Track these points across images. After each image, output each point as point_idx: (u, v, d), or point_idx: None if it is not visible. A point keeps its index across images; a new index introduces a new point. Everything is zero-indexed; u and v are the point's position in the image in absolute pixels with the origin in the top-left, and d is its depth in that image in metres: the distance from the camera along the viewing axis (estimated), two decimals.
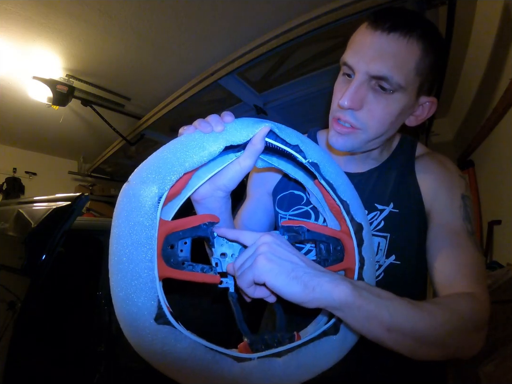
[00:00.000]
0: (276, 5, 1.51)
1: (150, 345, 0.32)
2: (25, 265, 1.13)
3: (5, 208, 1.63)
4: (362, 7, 1.23)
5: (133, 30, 1.73)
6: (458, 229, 0.50)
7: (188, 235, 0.38)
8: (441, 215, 0.52)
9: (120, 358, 1.36)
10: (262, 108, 2.17)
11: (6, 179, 3.72)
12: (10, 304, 1.09)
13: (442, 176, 0.55)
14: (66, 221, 1.14)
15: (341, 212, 0.47)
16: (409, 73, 0.46)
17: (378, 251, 0.55)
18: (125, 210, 0.35)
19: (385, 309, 0.35)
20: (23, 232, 1.28)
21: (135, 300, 0.32)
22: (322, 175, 0.46)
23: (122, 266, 0.32)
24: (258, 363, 0.35)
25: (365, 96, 0.47)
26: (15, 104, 2.61)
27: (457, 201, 0.53)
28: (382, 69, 0.44)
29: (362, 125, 0.49)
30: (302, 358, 0.37)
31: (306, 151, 0.45)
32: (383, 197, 0.57)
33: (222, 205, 0.46)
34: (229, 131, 0.41)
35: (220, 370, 0.33)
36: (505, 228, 1.71)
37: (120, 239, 0.33)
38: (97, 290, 1.42)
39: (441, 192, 0.54)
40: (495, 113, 1.60)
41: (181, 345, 0.33)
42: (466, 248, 0.48)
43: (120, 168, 3.90)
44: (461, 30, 1.64)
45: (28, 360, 1.15)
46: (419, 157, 0.60)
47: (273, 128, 0.42)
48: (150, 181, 0.36)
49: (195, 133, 0.40)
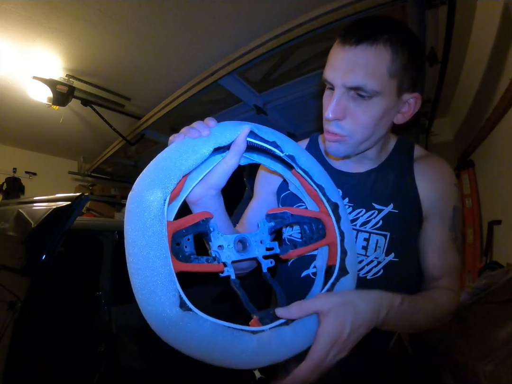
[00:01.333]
0: (276, 5, 1.51)
1: (179, 331, 0.36)
2: (25, 265, 1.13)
3: (5, 208, 1.64)
4: (362, 7, 1.23)
5: (133, 30, 1.73)
6: (446, 237, 0.60)
7: (190, 231, 0.43)
8: (433, 222, 0.60)
9: (120, 358, 1.36)
10: (262, 108, 2.17)
11: (6, 179, 3.72)
12: (10, 304, 1.09)
13: (440, 186, 0.61)
14: (66, 221, 1.15)
15: (318, 195, 0.54)
16: (382, 78, 0.49)
17: (376, 248, 0.59)
18: (135, 215, 0.38)
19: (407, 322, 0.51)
20: (23, 232, 1.28)
21: (159, 294, 0.36)
22: (298, 165, 0.52)
23: (141, 266, 0.36)
24: (271, 333, 0.41)
25: (346, 106, 0.52)
26: (15, 104, 2.61)
27: (450, 213, 0.60)
28: (355, 80, 0.49)
29: (348, 132, 0.53)
30: (306, 324, 0.43)
31: (282, 146, 0.51)
32: (382, 197, 0.61)
33: (216, 202, 0.52)
34: (215, 134, 0.45)
35: (240, 344, 0.38)
36: (505, 228, 1.71)
37: (135, 243, 0.37)
38: (97, 290, 1.42)
39: (437, 202, 0.60)
40: (495, 113, 1.60)
41: (204, 327, 0.37)
42: (450, 253, 0.60)
43: (120, 168, 3.90)
44: (461, 30, 1.64)
45: (28, 360, 1.15)
46: (417, 159, 0.64)
47: (252, 128, 0.48)
48: (154, 186, 0.40)
49: (185, 139, 0.44)
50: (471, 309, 1.23)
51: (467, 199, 2.27)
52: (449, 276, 0.59)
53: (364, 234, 0.60)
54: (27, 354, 1.13)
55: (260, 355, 0.39)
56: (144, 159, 3.55)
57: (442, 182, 0.61)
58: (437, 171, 0.61)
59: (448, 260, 0.59)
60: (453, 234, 0.60)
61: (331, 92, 0.53)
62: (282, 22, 1.45)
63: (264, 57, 1.63)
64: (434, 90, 1.91)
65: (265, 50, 1.55)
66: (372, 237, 0.59)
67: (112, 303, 1.41)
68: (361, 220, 0.61)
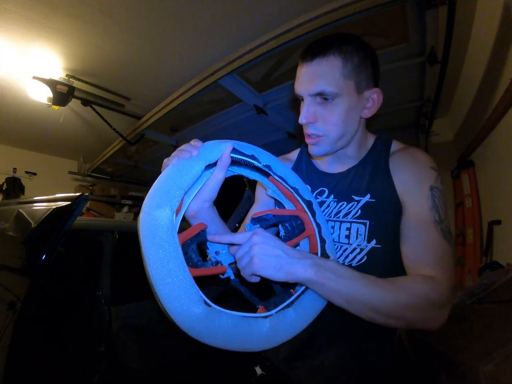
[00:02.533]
0: (276, 5, 1.51)
1: (207, 326, 0.42)
2: (25, 265, 1.13)
3: (5, 208, 1.64)
4: (362, 7, 1.23)
5: (133, 30, 1.73)
6: (426, 218, 0.57)
7: (194, 241, 0.50)
8: (411, 206, 0.60)
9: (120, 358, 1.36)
10: (262, 108, 2.17)
11: (6, 179, 3.73)
12: (10, 304, 1.09)
13: (412, 169, 0.63)
14: (66, 221, 1.14)
15: (293, 196, 0.63)
16: (338, 81, 0.58)
17: (358, 236, 0.65)
18: (150, 233, 0.43)
19: (343, 286, 0.49)
20: (23, 232, 1.28)
21: (185, 297, 0.42)
22: (274, 172, 0.61)
23: (164, 276, 0.42)
24: (278, 315, 0.49)
25: (315, 111, 0.61)
26: (15, 104, 2.61)
27: (426, 192, 0.59)
28: (316, 87, 0.58)
29: (323, 132, 0.62)
30: (304, 303, 0.52)
31: (259, 158, 0.59)
32: (360, 189, 0.67)
33: (211, 213, 0.60)
34: (204, 153, 0.53)
35: (257, 328, 0.46)
36: (505, 228, 1.71)
37: (155, 257, 0.42)
38: (97, 290, 1.42)
39: (411, 184, 0.61)
40: (495, 113, 1.60)
41: (226, 319, 0.44)
42: (431, 236, 0.56)
43: (120, 168, 3.90)
44: (461, 30, 1.64)
45: (28, 360, 1.15)
46: (393, 152, 0.68)
47: (234, 145, 0.56)
48: (162, 205, 0.45)
49: (179, 161, 0.50)
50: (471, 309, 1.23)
51: (467, 199, 2.27)
52: (429, 263, 0.54)
53: (346, 224, 0.66)
54: (27, 354, 1.13)
55: (274, 335, 0.47)
56: (144, 159, 3.55)
57: (415, 166, 0.63)
58: (410, 158, 0.64)
59: (427, 245, 0.55)
60: (435, 215, 0.57)
61: (303, 103, 0.63)
62: (282, 22, 1.45)
63: (264, 57, 1.62)
64: (434, 90, 1.91)
65: (265, 50, 1.55)
66: (353, 226, 0.65)
67: (112, 303, 1.41)
68: (344, 212, 0.67)
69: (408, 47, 1.57)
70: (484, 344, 0.94)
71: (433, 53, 1.55)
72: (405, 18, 1.36)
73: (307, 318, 0.52)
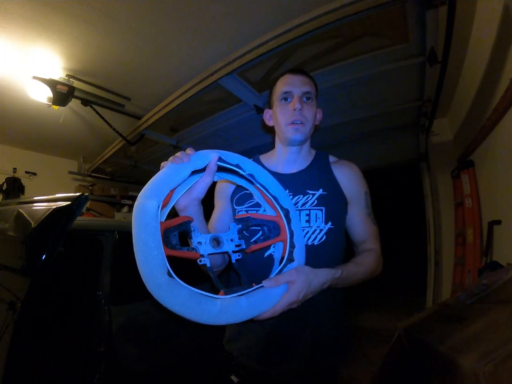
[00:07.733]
0: (276, 5, 1.52)
1: (166, 292, 0.52)
2: (25, 265, 1.13)
3: (5, 208, 1.64)
4: (362, 7, 1.23)
5: (133, 30, 1.73)
6: (363, 212, 0.88)
7: (176, 229, 0.61)
8: (354, 203, 0.88)
9: (120, 358, 1.36)
10: (262, 108, 2.17)
11: (6, 179, 3.72)
12: (10, 304, 1.09)
13: (353, 179, 0.89)
14: (66, 221, 1.15)
15: (273, 203, 0.73)
16: (313, 90, 0.88)
17: (316, 219, 0.82)
18: (139, 217, 0.56)
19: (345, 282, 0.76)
20: (23, 232, 1.28)
21: (155, 267, 0.53)
22: (257, 181, 0.72)
23: (143, 249, 0.53)
24: (231, 300, 0.58)
25: (302, 103, 0.85)
26: (15, 104, 2.61)
27: (362, 195, 0.88)
28: (306, 88, 0.86)
29: (306, 119, 0.85)
30: (258, 296, 0.61)
31: (243, 167, 0.71)
32: (313, 185, 0.86)
33: (198, 210, 0.71)
34: (193, 161, 0.64)
35: (207, 305, 0.55)
36: (505, 228, 1.71)
37: (139, 235, 0.54)
38: (97, 290, 1.42)
39: (354, 189, 0.88)
40: (495, 113, 1.60)
41: (183, 290, 0.54)
42: (368, 223, 0.88)
43: (120, 168, 3.90)
44: (461, 30, 1.64)
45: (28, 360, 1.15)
46: (333, 163, 0.92)
47: (220, 155, 0.67)
48: (151, 198, 0.58)
49: (172, 165, 0.62)
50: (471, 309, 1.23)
51: (467, 199, 2.27)
52: (372, 238, 0.87)
53: (306, 211, 0.83)
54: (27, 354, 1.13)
55: (221, 315, 0.56)
56: (144, 159, 3.55)
57: (353, 176, 0.89)
58: (348, 168, 0.90)
59: (368, 227, 0.88)
60: (367, 210, 0.89)
61: (285, 102, 0.86)
62: (282, 22, 1.45)
63: (264, 57, 1.63)
64: (434, 90, 1.91)
65: (265, 50, 1.55)
66: (311, 212, 0.83)
67: (112, 303, 1.41)
68: (301, 202, 0.84)
69: (408, 47, 1.57)
70: (484, 344, 0.94)
71: (433, 53, 1.55)
72: (405, 18, 1.36)
73: (257, 308, 0.60)
